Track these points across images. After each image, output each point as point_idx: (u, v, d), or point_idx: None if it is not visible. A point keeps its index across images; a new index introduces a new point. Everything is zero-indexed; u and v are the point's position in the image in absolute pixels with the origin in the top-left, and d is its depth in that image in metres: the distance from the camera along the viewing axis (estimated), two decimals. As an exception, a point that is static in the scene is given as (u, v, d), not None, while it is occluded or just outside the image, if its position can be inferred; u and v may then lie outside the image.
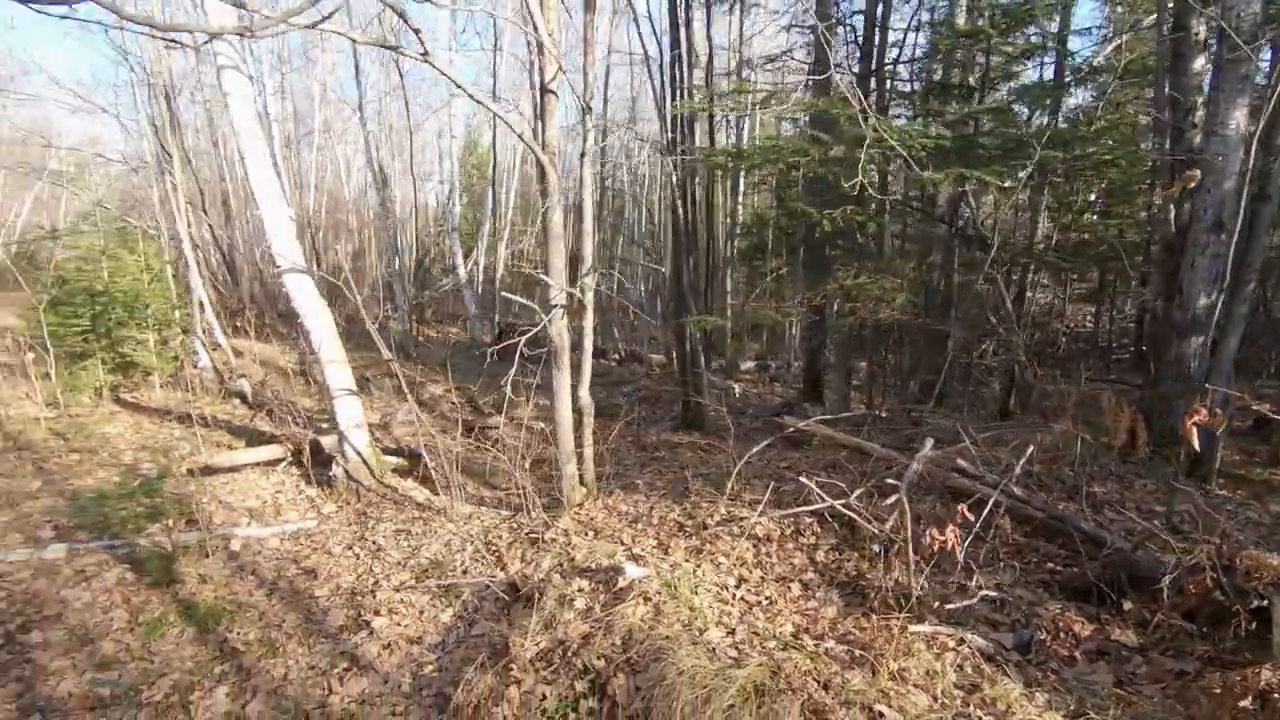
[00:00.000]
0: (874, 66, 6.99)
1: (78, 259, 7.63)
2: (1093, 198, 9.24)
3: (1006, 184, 5.31)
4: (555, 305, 4.02)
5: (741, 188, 14.77)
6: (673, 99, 6.70)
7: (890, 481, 3.52)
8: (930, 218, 8.05)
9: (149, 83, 8.76)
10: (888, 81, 7.10)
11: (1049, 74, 8.64)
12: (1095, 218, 9.22)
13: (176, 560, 3.95)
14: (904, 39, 8.40)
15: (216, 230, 13.73)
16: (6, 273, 24.35)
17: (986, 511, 3.41)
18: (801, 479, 3.62)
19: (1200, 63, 4.75)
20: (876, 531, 3.35)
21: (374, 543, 4.35)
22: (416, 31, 2.82)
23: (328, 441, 5.82)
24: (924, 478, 3.82)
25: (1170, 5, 5.23)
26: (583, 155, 3.97)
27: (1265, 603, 2.60)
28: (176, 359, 8.03)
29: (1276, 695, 2.18)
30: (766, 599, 3.17)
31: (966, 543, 3.17)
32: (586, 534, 3.91)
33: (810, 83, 7.86)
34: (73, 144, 21.83)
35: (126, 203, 14.17)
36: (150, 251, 8.05)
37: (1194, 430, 2.87)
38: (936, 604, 3.01)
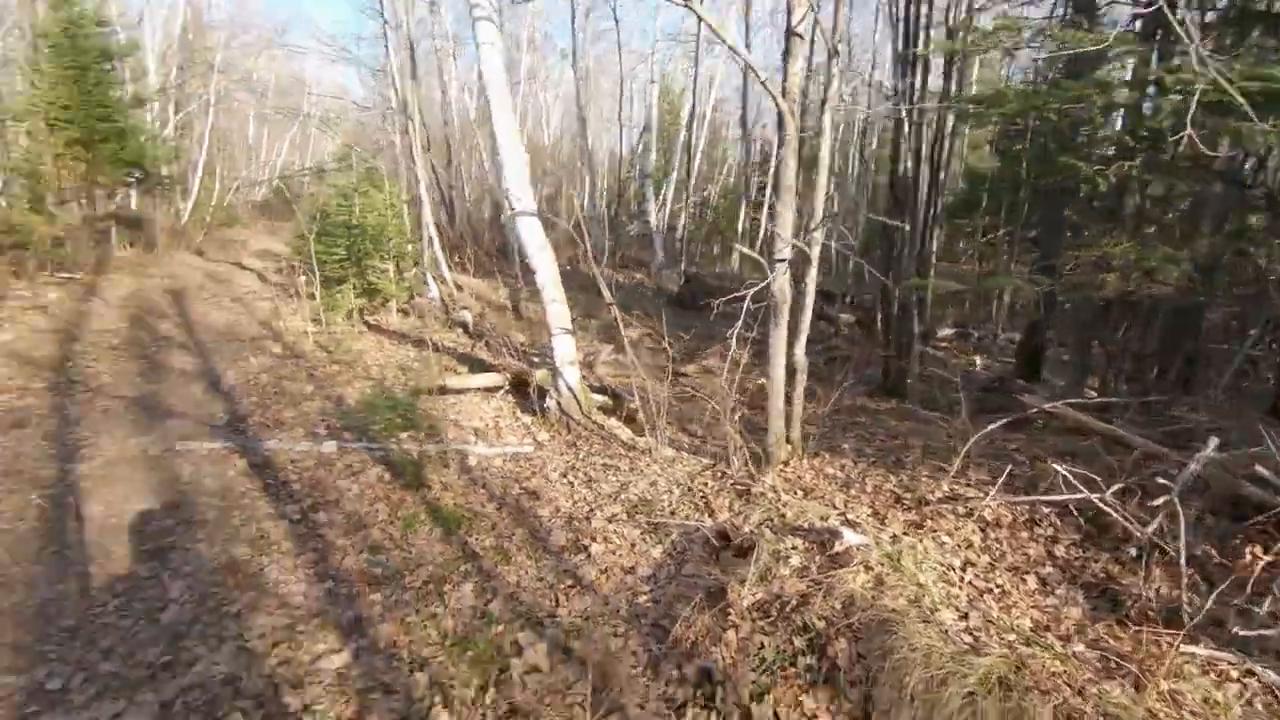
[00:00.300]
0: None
1: (338, 195, 8.71)
2: None
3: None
4: (780, 259, 3.93)
5: (950, 141, 13.43)
6: (905, 42, 6.14)
7: (1161, 481, 3.10)
8: (1208, 174, 6.79)
9: (395, 33, 9.64)
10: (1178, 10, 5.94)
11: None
12: None
13: (424, 468, 4.48)
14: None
15: (439, 172, 15.05)
16: (269, 204, 28.61)
17: (1285, 530, 2.90)
18: (1054, 465, 3.29)
19: None
20: (1137, 533, 2.98)
21: (585, 474, 4.65)
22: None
23: (540, 375, 6.25)
24: (1199, 480, 3.31)
25: None
26: (824, 102, 3.78)
27: None
28: (409, 289, 9.00)
29: None
30: (998, 588, 2.97)
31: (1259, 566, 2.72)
32: (795, 493, 3.89)
33: (1067, 16, 6.84)
34: (323, 92, 24.73)
35: (368, 145, 15.89)
36: (393, 190, 9.01)
37: None
38: (1214, 626, 2.63)
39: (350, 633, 3.05)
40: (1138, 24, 5.21)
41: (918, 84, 6.10)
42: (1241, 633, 2.52)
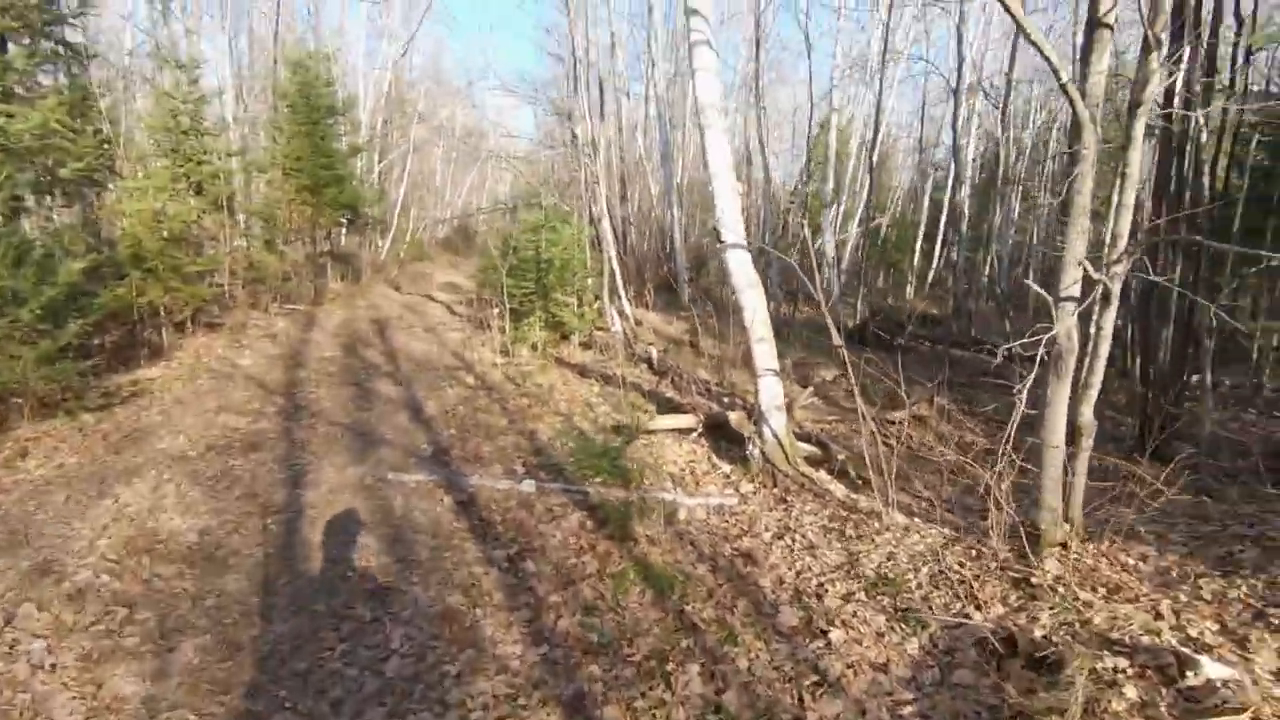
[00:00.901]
0: None
1: (527, 231, 8.94)
2: None
3: None
4: (1067, 297, 3.22)
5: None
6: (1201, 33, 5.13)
7: None
8: None
9: (585, 73, 9.92)
10: None
11: None
12: None
13: (633, 518, 4.17)
14: None
15: (613, 206, 15.40)
16: (451, 240, 30.95)
17: None
18: None
19: None
20: None
21: (804, 537, 4.12)
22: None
23: (734, 417, 5.83)
24: None
25: None
26: (1135, 105, 3.06)
27: None
28: (591, 322, 9.01)
29: None
30: None
31: None
32: (1093, 589, 3.11)
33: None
34: (502, 133, 26.33)
35: (548, 182, 16.60)
36: (578, 226, 9.14)
37: None
38: None
39: (573, 711, 2.74)
40: None
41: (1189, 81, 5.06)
42: None
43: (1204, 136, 5.69)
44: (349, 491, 4.77)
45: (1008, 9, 2.75)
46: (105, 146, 10.28)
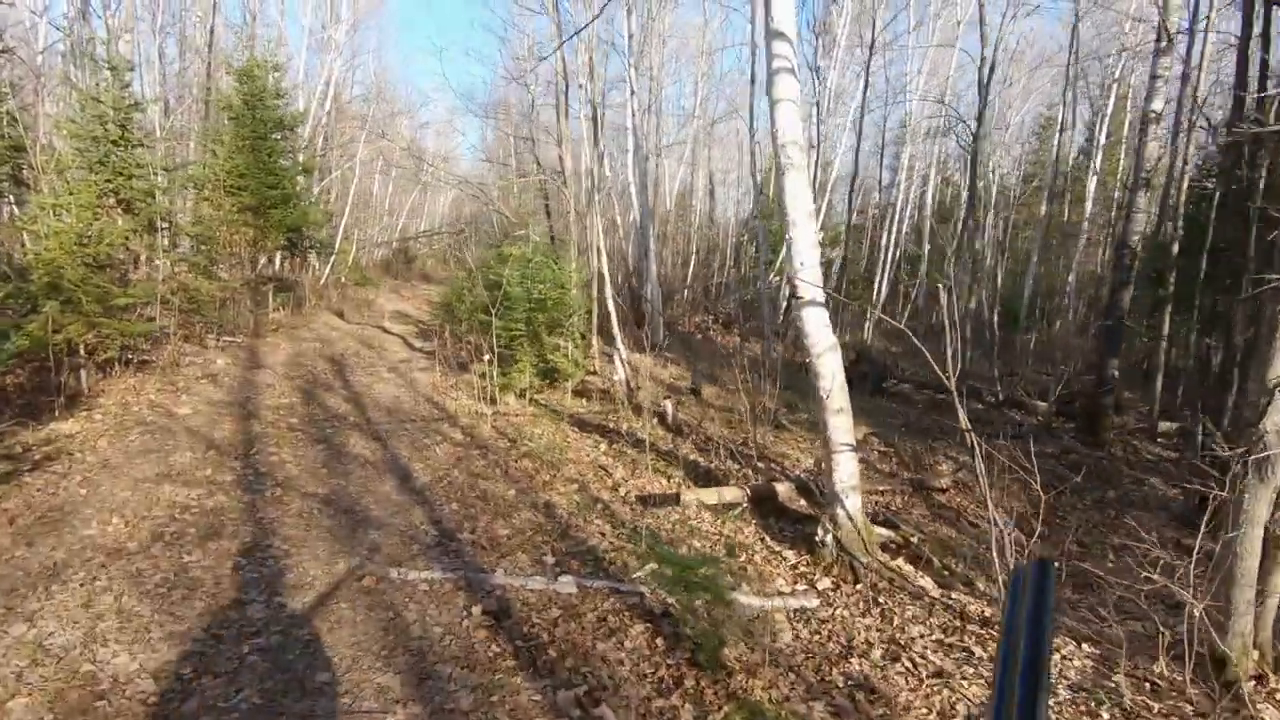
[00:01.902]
0: None
1: (520, 268, 8.11)
2: None
3: None
4: None
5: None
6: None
7: None
8: None
9: (577, 94, 9.24)
10: None
11: None
12: None
13: (724, 640, 3.40)
14: None
15: (608, 241, 14.68)
16: (390, 263, 29.54)
17: None
18: None
19: None
20: None
21: (922, 657, 3.45)
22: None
23: (783, 490, 5.18)
24: None
25: None
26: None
27: None
28: (584, 369, 8.22)
29: None
30: None
31: None
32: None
33: None
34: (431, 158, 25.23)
35: (527, 209, 15.67)
36: (574, 261, 8.38)
37: None
38: None
39: None
40: None
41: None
42: None
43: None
44: (345, 598, 3.81)
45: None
46: (16, 154, 8.87)
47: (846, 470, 4.31)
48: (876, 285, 22.65)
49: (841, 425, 4.25)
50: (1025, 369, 13.49)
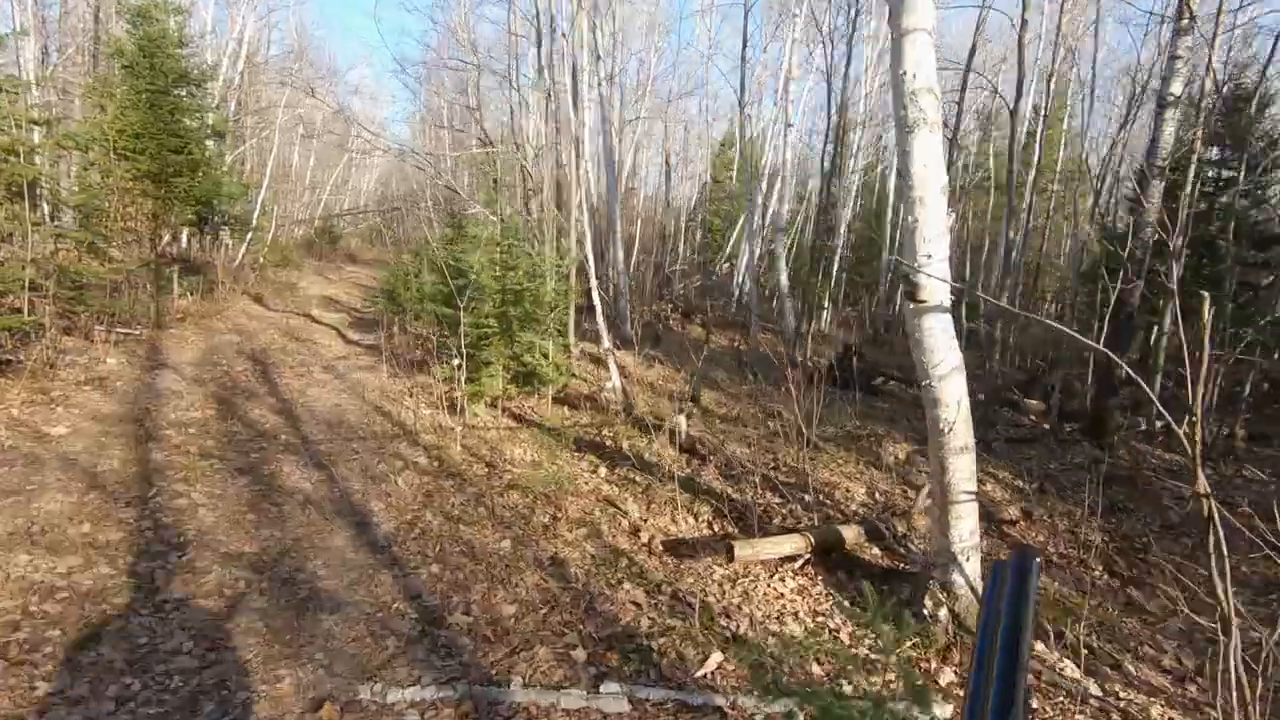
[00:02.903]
0: None
1: (488, 254, 6.78)
2: None
3: None
4: None
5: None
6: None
7: None
8: None
9: (548, 51, 7.90)
10: None
11: None
12: None
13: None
14: None
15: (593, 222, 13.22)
16: (313, 243, 27.21)
17: None
18: None
19: None
20: None
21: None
22: None
23: (850, 535, 4.19)
24: None
25: None
26: None
27: None
28: (567, 373, 7.01)
29: None
30: None
31: None
32: None
33: None
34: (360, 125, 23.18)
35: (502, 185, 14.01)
36: (560, 248, 7.13)
37: None
38: None
39: None
40: None
41: None
42: None
43: None
44: (306, 747, 2.57)
45: None
46: None
47: (968, 526, 3.35)
48: (834, 273, 22.12)
49: (964, 468, 3.27)
50: (1005, 365, 13.07)
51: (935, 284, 3.03)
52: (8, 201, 7.05)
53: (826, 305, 21.96)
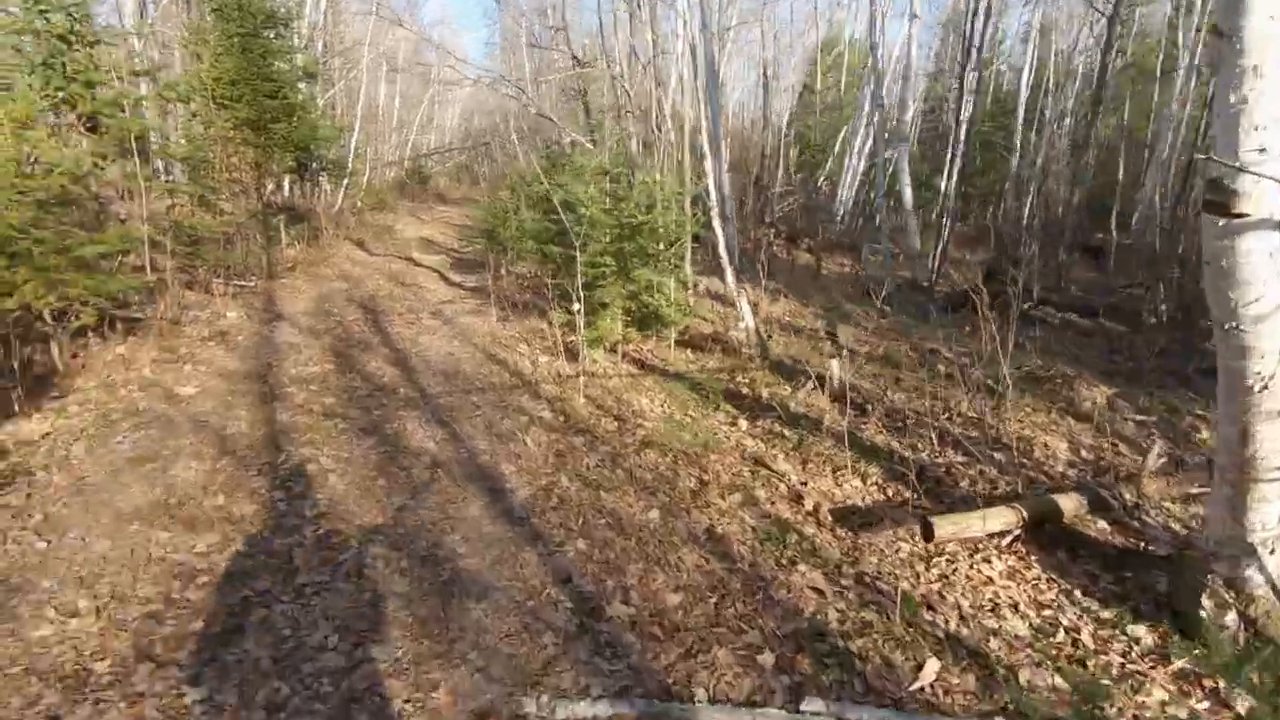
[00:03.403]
0: None
1: (596, 184, 6.13)
2: None
3: None
4: None
5: None
6: None
7: None
8: None
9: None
10: None
11: None
12: None
13: None
14: None
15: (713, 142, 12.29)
16: (403, 184, 27.33)
17: None
18: None
19: None
20: None
21: None
22: None
23: (1069, 505, 3.46)
24: None
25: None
26: None
27: None
28: (690, 313, 6.40)
29: None
30: None
31: None
32: None
33: None
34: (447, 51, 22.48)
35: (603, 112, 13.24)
36: (659, 177, 6.41)
37: None
38: None
39: None
40: None
41: None
42: None
43: None
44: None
45: None
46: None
47: (1274, 510, 2.57)
48: (943, 186, 20.12)
49: (1276, 438, 2.47)
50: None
51: (1266, 190, 2.17)
52: (120, 158, 6.99)
53: (946, 221, 20.07)
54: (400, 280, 10.51)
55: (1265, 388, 2.40)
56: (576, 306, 5.27)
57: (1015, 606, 3.05)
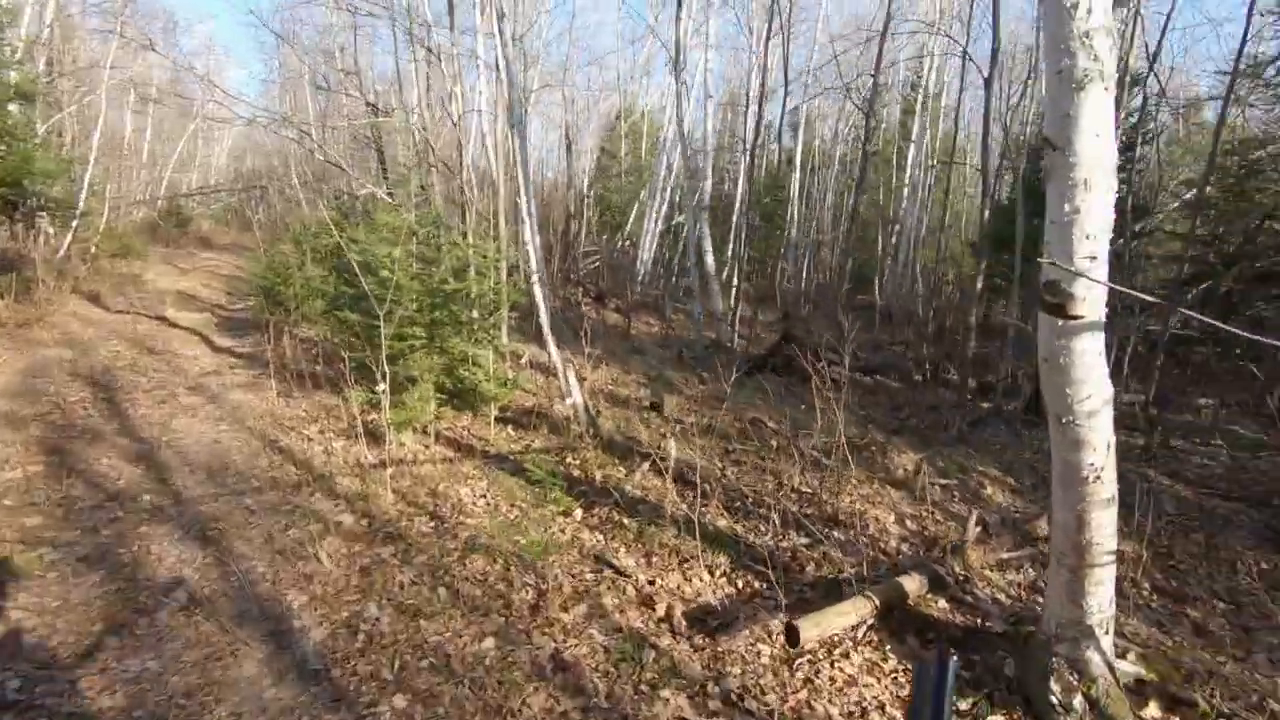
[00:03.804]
0: None
1: (397, 244, 5.46)
2: None
3: None
4: None
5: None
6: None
7: None
8: None
9: None
10: None
11: None
12: None
13: None
14: None
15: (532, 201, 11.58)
16: (156, 226, 23.77)
17: None
18: None
19: None
20: None
21: None
22: None
23: (912, 586, 3.49)
24: None
25: None
26: None
27: None
28: (511, 385, 5.87)
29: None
30: None
31: None
32: None
33: None
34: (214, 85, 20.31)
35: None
36: (480, 241, 5.92)
37: None
38: None
39: None
40: None
41: None
42: None
43: None
44: None
45: None
46: None
47: (1107, 593, 2.69)
48: (731, 250, 21.71)
49: (1108, 524, 2.60)
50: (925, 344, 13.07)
51: (1098, 294, 2.29)
52: None
53: (736, 283, 21.58)
54: (148, 345, 8.70)
55: (1098, 478, 2.53)
56: (381, 386, 4.53)
57: (882, 707, 2.93)
